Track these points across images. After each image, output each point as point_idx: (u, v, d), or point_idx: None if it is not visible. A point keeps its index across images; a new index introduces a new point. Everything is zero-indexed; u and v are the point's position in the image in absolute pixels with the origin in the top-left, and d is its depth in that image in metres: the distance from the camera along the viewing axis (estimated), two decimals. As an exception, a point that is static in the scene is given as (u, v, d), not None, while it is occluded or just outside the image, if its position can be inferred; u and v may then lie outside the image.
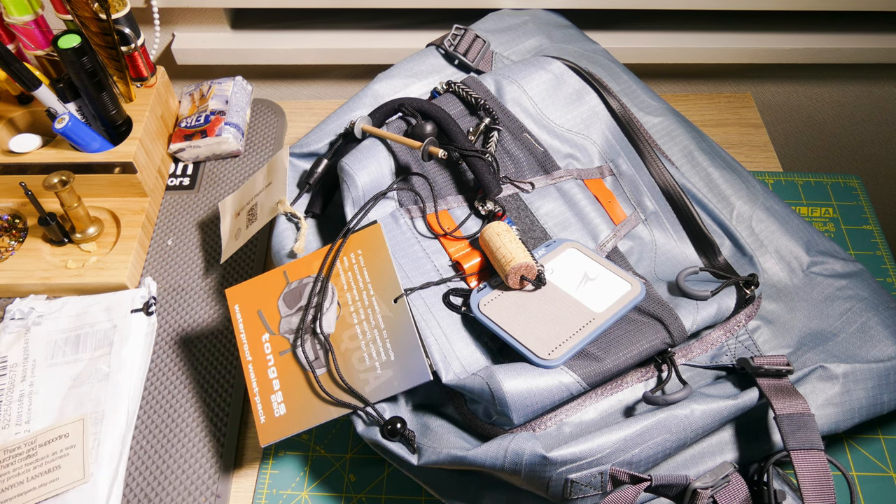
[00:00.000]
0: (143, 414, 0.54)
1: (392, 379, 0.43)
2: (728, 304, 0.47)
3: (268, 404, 0.44)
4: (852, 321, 0.49)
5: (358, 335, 0.44)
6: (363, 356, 0.44)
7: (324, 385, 0.44)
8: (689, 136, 0.56)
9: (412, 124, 0.54)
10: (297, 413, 0.43)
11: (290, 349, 0.45)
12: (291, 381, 0.44)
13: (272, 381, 0.44)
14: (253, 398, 0.44)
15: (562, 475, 0.39)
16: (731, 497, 0.41)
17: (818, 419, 0.44)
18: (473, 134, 0.53)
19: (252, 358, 0.45)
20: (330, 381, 0.44)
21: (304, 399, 0.44)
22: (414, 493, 0.51)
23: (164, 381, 0.56)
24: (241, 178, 0.70)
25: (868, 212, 0.67)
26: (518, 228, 0.51)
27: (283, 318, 0.46)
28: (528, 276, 0.45)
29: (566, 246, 0.49)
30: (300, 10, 0.75)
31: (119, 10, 0.62)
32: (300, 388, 0.44)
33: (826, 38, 0.78)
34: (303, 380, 0.44)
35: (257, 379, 0.45)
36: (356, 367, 0.44)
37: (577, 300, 0.45)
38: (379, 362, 0.43)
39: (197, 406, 0.54)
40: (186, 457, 0.52)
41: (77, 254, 0.61)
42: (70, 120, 0.59)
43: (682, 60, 0.78)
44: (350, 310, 0.45)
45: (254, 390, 0.45)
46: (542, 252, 0.48)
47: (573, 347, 0.43)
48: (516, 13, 0.65)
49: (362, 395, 0.43)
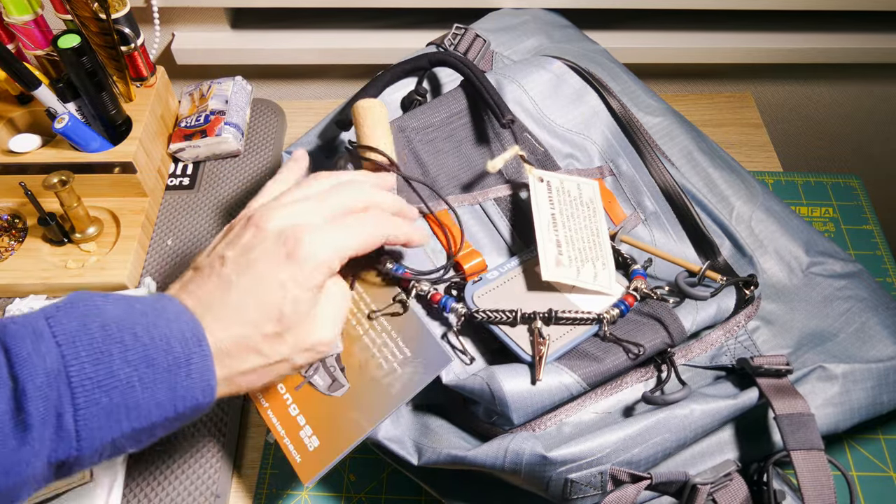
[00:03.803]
0: (143, 414, 0.54)
1: (414, 373, 0.42)
2: (727, 304, 0.47)
3: (299, 442, 0.43)
4: (852, 321, 0.49)
5: (368, 345, 0.44)
6: (380, 362, 0.43)
7: (349, 403, 0.43)
8: (688, 136, 0.56)
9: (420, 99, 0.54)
10: (332, 441, 0.42)
11: (305, 381, 0.44)
12: (316, 411, 0.43)
13: (296, 417, 0.43)
14: (282, 441, 0.43)
15: (562, 475, 0.39)
16: (731, 497, 0.41)
17: (818, 419, 0.44)
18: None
19: (269, 403, 0.44)
20: (355, 398, 0.43)
21: (334, 425, 0.42)
22: (414, 493, 0.51)
23: (164, 381, 0.56)
24: (241, 177, 0.70)
25: (868, 212, 0.67)
26: (518, 228, 0.51)
27: None
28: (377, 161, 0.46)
29: (566, 246, 0.49)
30: (300, 10, 0.75)
31: (119, 9, 0.62)
32: (327, 416, 0.43)
33: (826, 38, 0.78)
34: (327, 406, 0.43)
35: (280, 421, 0.43)
36: (376, 374, 0.43)
37: (572, 300, 0.45)
38: (397, 362, 0.43)
39: (197, 406, 0.54)
40: (186, 457, 0.52)
41: (77, 254, 0.61)
42: (70, 120, 0.59)
43: (682, 60, 0.78)
44: (352, 323, 0.45)
45: (280, 433, 0.43)
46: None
47: (563, 347, 0.43)
48: (516, 13, 0.65)
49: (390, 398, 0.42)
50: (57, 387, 0.30)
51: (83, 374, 0.30)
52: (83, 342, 0.31)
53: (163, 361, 0.32)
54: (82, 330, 0.31)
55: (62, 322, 0.31)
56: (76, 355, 0.30)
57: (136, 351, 0.31)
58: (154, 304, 0.34)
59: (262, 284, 0.35)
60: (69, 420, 0.30)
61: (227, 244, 0.37)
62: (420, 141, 0.52)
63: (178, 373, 0.32)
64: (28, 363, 0.29)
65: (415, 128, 0.52)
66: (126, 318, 0.32)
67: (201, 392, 0.33)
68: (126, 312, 0.33)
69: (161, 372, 0.32)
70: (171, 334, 0.33)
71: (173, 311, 0.34)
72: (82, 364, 0.30)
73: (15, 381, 0.29)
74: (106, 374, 0.31)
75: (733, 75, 0.88)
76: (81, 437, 0.30)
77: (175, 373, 0.32)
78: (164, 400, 0.32)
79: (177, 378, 0.32)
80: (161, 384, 0.32)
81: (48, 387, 0.29)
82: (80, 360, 0.30)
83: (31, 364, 0.29)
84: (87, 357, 0.30)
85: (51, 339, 0.30)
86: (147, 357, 0.32)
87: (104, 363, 0.31)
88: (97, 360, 0.31)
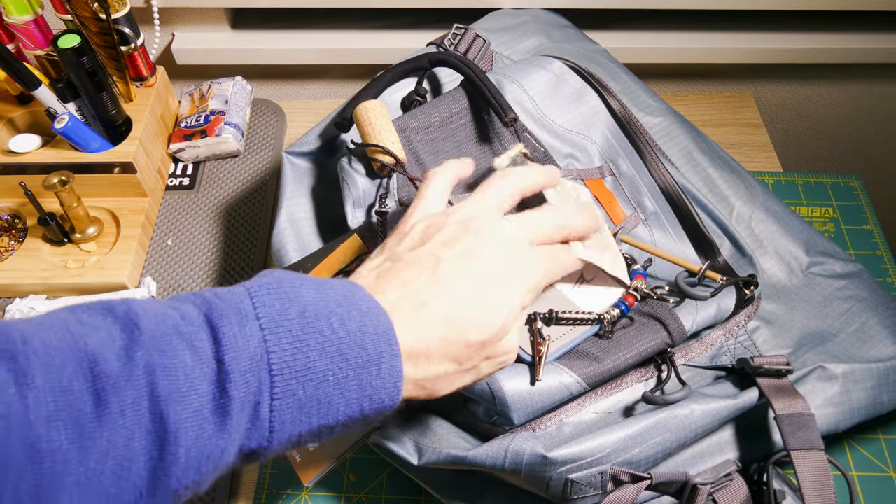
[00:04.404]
0: (143, 414, 0.54)
1: None
2: (727, 304, 0.47)
3: None
4: (852, 321, 0.49)
5: None
6: None
7: None
8: (688, 136, 0.56)
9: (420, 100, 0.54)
10: (332, 441, 0.42)
11: None
12: None
13: None
14: None
15: (562, 475, 0.39)
16: (731, 497, 0.41)
17: (818, 419, 0.44)
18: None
19: None
20: None
21: None
22: (414, 493, 0.51)
23: (164, 381, 0.56)
24: (241, 178, 0.70)
25: (868, 212, 0.67)
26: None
27: None
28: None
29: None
30: (300, 10, 0.75)
31: (119, 9, 0.62)
32: None
33: (826, 38, 0.78)
34: None
35: None
36: None
37: (571, 300, 0.45)
38: None
39: (197, 406, 0.54)
40: (186, 457, 0.52)
41: (77, 254, 0.61)
42: (70, 120, 0.59)
43: (682, 60, 0.78)
44: None
45: None
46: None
47: (563, 347, 0.43)
48: (516, 13, 0.65)
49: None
50: (258, 373, 0.28)
51: (283, 363, 0.28)
52: (284, 328, 0.29)
53: (356, 357, 0.30)
54: (283, 314, 0.29)
55: (266, 304, 0.29)
56: (278, 341, 0.28)
57: (332, 343, 0.30)
58: (346, 293, 0.32)
59: (482, 293, 0.34)
60: (265, 410, 0.28)
61: (442, 245, 0.35)
62: (420, 141, 0.52)
63: (370, 371, 0.30)
64: (234, 346, 0.28)
65: (415, 128, 0.52)
66: (322, 306, 0.30)
67: (388, 394, 0.31)
68: (321, 298, 0.31)
69: (353, 368, 0.30)
70: (364, 329, 0.31)
71: (366, 304, 0.32)
72: (284, 351, 0.28)
73: (220, 364, 0.27)
74: (303, 365, 0.29)
75: (733, 75, 0.88)
76: (274, 428, 0.29)
77: (367, 371, 0.30)
78: (353, 399, 0.30)
79: (367, 377, 0.30)
80: (352, 381, 0.30)
81: (250, 373, 0.28)
82: (281, 346, 0.28)
83: (237, 347, 0.28)
84: (288, 345, 0.29)
85: (255, 322, 0.28)
86: (342, 352, 0.30)
87: (302, 353, 0.29)
88: (297, 349, 0.29)
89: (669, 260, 0.49)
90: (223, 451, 0.28)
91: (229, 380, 0.27)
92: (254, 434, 0.28)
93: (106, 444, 0.25)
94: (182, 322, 0.28)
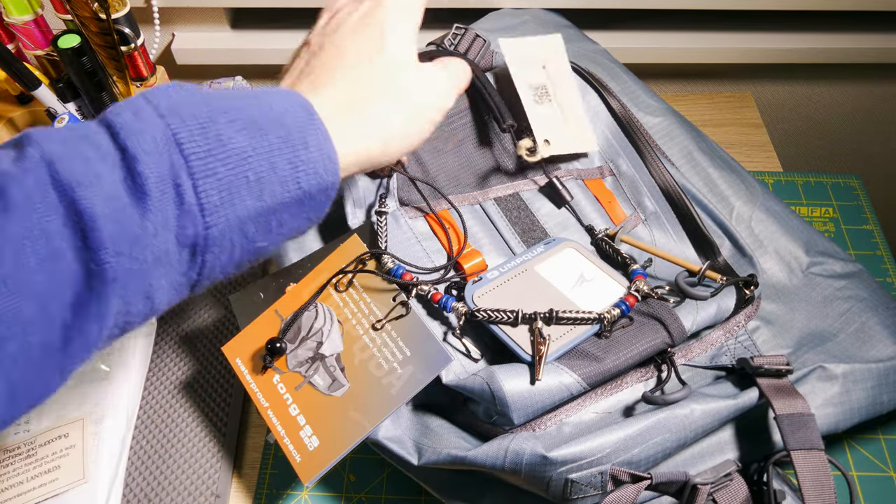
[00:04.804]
0: (143, 414, 0.54)
1: (415, 373, 0.42)
2: (728, 304, 0.47)
3: (299, 441, 0.43)
4: (852, 321, 0.49)
5: (368, 344, 0.44)
6: (380, 362, 0.43)
7: (349, 403, 0.43)
8: (688, 136, 0.56)
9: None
10: (332, 440, 0.42)
11: (305, 381, 0.44)
12: (316, 411, 0.43)
13: (296, 417, 0.43)
14: (282, 441, 0.43)
15: (562, 475, 0.39)
16: (731, 497, 0.41)
17: (818, 419, 0.44)
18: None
19: (269, 403, 0.44)
20: (355, 397, 0.43)
21: (334, 424, 0.43)
22: (414, 493, 0.51)
23: (164, 380, 0.56)
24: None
25: (868, 212, 0.67)
26: (518, 228, 0.51)
27: (288, 355, 0.45)
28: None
29: (565, 245, 0.49)
30: (300, 10, 0.75)
31: (119, 9, 0.62)
32: (327, 416, 0.43)
33: (826, 38, 0.78)
34: (327, 406, 0.43)
35: (280, 421, 0.44)
36: (376, 374, 0.43)
37: (571, 300, 0.45)
38: (397, 362, 0.43)
39: (197, 406, 0.54)
40: (186, 457, 0.52)
41: (77, 254, 0.61)
42: (70, 120, 0.59)
43: (682, 60, 0.78)
44: (352, 323, 0.45)
45: (280, 433, 0.43)
46: (541, 249, 0.49)
47: (563, 347, 0.43)
48: (516, 13, 0.65)
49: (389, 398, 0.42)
50: (168, 154, 0.27)
51: (193, 143, 0.28)
52: (187, 112, 0.28)
53: (276, 131, 0.30)
54: (185, 101, 0.29)
55: (159, 98, 0.29)
56: (182, 122, 0.28)
57: (244, 120, 0.29)
58: (257, 92, 0.32)
59: (366, 23, 0.37)
60: (189, 192, 0.28)
61: (345, 16, 0.38)
62: (420, 141, 0.52)
63: (294, 144, 0.30)
64: (133, 131, 0.27)
65: (415, 128, 0.52)
66: (226, 95, 0.30)
67: (323, 166, 0.31)
68: (226, 93, 0.31)
69: (278, 143, 0.30)
70: (275, 103, 0.31)
71: (276, 91, 0.32)
72: (191, 131, 0.28)
73: (124, 151, 0.27)
74: (216, 143, 0.28)
75: (733, 75, 0.88)
76: (205, 211, 0.28)
77: (291, 144, 0.30)
78: (286, 176, 0.30)
79: (295, 150, 0.30)
80: (279, 156, 0.30)
81: (158, 153, 0.27)
82: (187, 127, 0.28)
83: (137, 131, 0.27)
84: (196, 126, 0.28)
85: (153, 112, 0.28)
86: (258, 126, 0.29)
87: (213, 131, 0.28)
88: (204, 128, 0.28)
89: (669, 260, 0.49)
90: (154, 235, 0.27)
91: (136, 160, 0.27)
92: (186, 220, 0.28)
93: (20, 229, 0.25)
94: (77, 127, 0.28)
